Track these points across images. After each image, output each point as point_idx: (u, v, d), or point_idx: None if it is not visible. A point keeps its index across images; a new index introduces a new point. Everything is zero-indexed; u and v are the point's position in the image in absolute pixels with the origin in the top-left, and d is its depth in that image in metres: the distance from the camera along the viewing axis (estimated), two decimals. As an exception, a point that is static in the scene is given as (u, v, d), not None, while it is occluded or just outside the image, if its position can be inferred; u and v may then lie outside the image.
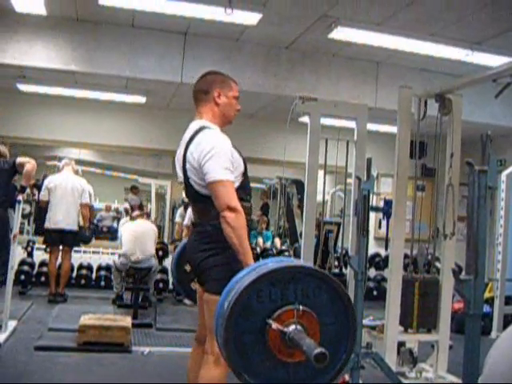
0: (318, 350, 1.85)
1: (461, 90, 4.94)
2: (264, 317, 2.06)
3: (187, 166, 2.76)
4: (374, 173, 8.93)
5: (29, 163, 5.16)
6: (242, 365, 2.07)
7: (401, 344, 4.83)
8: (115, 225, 10.97)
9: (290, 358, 2.07)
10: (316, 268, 2.26)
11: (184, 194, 3.08)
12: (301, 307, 2.06)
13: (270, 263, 2.19)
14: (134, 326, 5.54)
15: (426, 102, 4.88)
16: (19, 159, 5.27)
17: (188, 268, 3.56)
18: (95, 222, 11.41)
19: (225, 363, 2.63)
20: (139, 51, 6.41)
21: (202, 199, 2.75)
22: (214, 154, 2.63)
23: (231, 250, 2.60)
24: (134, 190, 11.53)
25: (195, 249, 2.81)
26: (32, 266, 7.81)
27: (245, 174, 2.83)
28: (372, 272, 9.08)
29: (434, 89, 4.89)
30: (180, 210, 8.94)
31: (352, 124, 5.67)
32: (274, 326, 2.03)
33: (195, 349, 3.04)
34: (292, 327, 2.03)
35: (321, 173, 5.86)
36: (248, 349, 2.08)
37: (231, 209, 2.56)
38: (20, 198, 5.18)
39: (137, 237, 6.86)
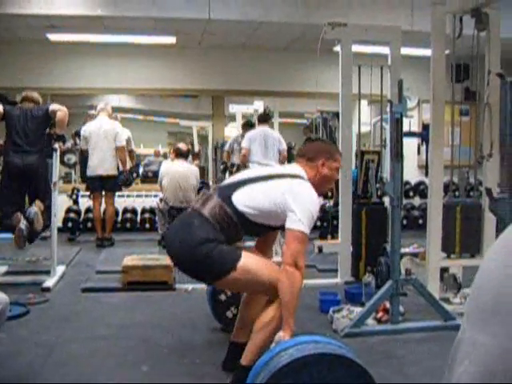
0: None
1: (501, 4, 4.65)
2: None
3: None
4: (415, 99, 8.78)
5: (60, 111, 5.10)
6: None
7: (444, 270, 4.77)
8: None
9: None
10: (342, 354, 2.28)
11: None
12: None
13: (295, 349, 2.24)
14: (178, 264, 5.64)
15: (461, 19, 4.63)
16: (52, 106, 5.20)
17: (223, 298, 3.71)
18: (142, 166, 11.56)
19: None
20: (165, -10, 6.30)
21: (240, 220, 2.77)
22: (307, 205, 2.70)
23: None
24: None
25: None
26: (78, 213, 8.01)
27: None
28: (417, 200, 8.96)
29: (469, 3, 4.62)
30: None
31: (387, 50, 5.48)
32: None
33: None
34: None
35: (363, 103, 5.73)
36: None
37: (298, 266, 2.62)
38: (56, 146, 5.23)
39: (177, 183, 6.90)
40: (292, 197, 2.71)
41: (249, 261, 2.74)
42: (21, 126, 5.02)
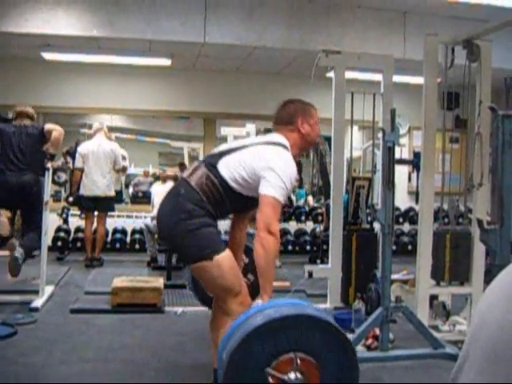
0: None
1: (492, 36, 4.73)
2: (263, 366, 2.07)
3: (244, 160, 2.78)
4: (406, 126, 8.86)
5: (56, 130, 5.14)
6: None
7: (434, 297, 4.79)
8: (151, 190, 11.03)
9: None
10: (321, 317, 2.24)
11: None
12: (300, 355, 2.09)
13: (272, 310, 2.19)
14: (168, 287, 5.64)
15: (453, 50, 4.71)
16: (47, 126, 5.25)
17: None
18: (131, 186, 11.54)
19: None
20: (161, 13, 6.34)
21: (223, 187, 2.75)
22: (280, 172, 2.67)
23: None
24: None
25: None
26: (68, 232, 7.97)
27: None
28: (406, 227, 9.00)
29: (461, 35, 4.70)
30: None
31: (379, 77, 5.56)
32: (273, 374, 2.06)
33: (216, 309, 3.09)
34: (292, 375, 2.07)
35: (354, 128, 5.78)
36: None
37: (271, 232, 2.59)
38: (49, 165, 5.23)
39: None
40: (266, 163, 2.70)
41: (225, 260, 2.71)
42: (16, 144, 5.04)
